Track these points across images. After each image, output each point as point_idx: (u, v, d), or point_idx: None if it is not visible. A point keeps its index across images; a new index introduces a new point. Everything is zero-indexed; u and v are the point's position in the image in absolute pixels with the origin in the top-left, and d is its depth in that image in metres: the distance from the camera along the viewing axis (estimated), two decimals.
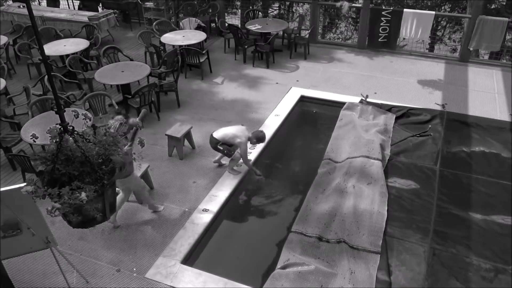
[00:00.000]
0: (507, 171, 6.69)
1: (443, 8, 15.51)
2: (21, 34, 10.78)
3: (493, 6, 14.27)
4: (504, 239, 5.51)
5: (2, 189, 3.78)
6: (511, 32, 14.20)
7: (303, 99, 8.87)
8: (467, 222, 5.79)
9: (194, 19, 11.27)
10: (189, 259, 5.31)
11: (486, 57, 12.77)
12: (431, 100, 8.59)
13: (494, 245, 5.42)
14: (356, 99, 8.47)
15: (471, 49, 9.95)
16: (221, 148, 6.33)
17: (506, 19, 9.63)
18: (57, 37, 10.77)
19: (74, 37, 10.77)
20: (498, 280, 4.97)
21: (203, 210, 5.95)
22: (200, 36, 10.11)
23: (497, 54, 10.44)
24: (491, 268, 5.11)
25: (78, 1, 14.72)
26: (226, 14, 13.12)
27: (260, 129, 7.28)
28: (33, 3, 15.83)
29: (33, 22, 2.83)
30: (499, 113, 8.15)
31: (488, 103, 8.52)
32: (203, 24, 11.28)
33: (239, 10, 14.12)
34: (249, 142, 6.37)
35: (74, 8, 14.58)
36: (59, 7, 14.20)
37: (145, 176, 6.22)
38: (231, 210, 6.18)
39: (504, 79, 9.43)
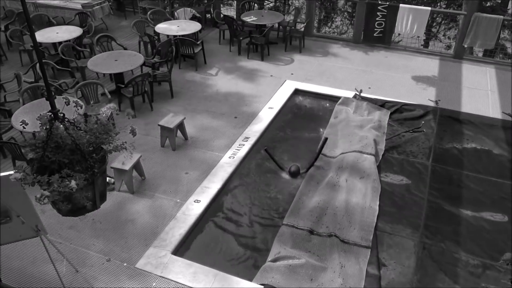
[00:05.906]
0: (497, 168, 6.75)
1: (438, 4, 15.53)
2: (13, 20, 10.60)
3: (488, 4, 14.32)
4: (492, 236, 5.57)
5: None
6: (506, 30, 14.28)
7: (297, 92, 8.85)
8: (457, 218, 5.84)
9: (189, 9, 11.18)
10: (180, 250, 5.31)
11: (480, 54, 12.81)
12: (425, 96, 8.61)
13: (483, 241, 5.47)
14: (350, 94, 8.46)
15: (465, 46, 9.97)
16: None
17: (501, 16, 9.65)
18: (49, 24, 10.62)
19: (67, 24, 10.63)
20: (485, 276, 5.03)
21: (194, 201, 5.94)
22: (195, 26, 10.04)
23: (491, 51, 10.47)
24: (479, 264, 5.16)
25: None
26: (221, 5, 13.01)
27: (254, 121, 7.19)
28: None
29: (25, 8, 2.79)
30: (492, 111, 8.19)
31: (481, 100, 8.55)
32: (198, 15, 11.19)
33: (235, 1, 14.00)
34: None
35: None
36: None
37: (137, 166, 6.19)
38: (223, 201, 6.17)
39: (497, 76, 9.47)
